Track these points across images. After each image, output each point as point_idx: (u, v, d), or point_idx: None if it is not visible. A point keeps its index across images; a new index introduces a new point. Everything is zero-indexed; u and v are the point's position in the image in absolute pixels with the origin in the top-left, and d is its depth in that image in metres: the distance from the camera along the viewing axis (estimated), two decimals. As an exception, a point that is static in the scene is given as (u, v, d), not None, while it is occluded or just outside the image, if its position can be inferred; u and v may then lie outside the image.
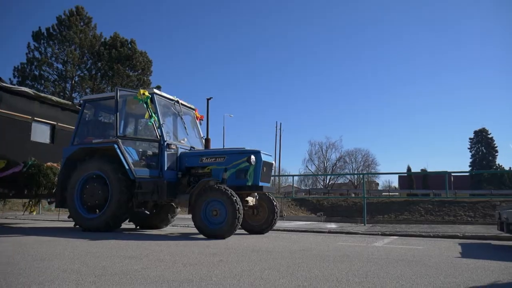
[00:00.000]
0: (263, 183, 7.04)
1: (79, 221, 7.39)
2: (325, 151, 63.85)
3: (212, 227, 6.37)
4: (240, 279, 3.01)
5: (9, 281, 2.85)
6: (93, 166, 7.34)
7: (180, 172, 7.41)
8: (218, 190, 6.36)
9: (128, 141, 7.49)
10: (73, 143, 7.80)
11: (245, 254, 4.46)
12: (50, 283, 2.80)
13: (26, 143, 8.98)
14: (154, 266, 3.55)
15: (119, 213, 7.06)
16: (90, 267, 3.47)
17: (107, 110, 8.35)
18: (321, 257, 4.33)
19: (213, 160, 7.24)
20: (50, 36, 30.74)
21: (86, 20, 32.15)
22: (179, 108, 8.10)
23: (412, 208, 36.19)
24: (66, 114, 10.07)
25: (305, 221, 16.76)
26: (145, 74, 32.35)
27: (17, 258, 3.94)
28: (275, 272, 3.34)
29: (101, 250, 4.62)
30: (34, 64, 30.18)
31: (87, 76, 31.57)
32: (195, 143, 8.23)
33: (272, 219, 7.42)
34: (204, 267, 3.55)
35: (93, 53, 31.35)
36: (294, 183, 17.85)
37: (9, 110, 8.64)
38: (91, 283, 2.81)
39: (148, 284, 2.79)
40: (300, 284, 2.85)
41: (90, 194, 7.32)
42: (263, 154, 7.06)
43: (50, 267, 3.42)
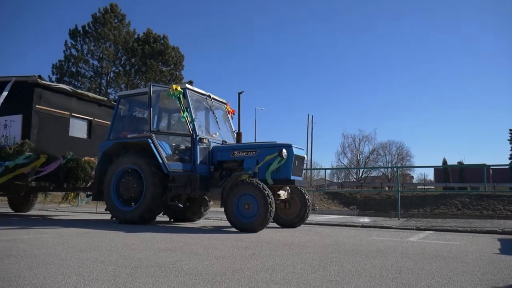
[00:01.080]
0: (295, 177, 7.03)
1: (116, 213, 7.61)
2: (358, 144, 63.01)
3: (244, 220, 6.42)
4: (273, 273, 3.02)
5: (51, 271, 2.97)
6: (128, 160, 7.52)
7: (212, 166, 7.49)
8: (250, 184, 6.39)
9: (161, 136, 7.64)
10: (109, 138, 8.02)
11: (277, 248, 4.48)
12: (89, 274, 2.90)
13: (64, 138, 9.29)
14: (187, 259, 3.62)
15: (154, 206, 7.22)
16: (126, 259, 3.57)
17: (141, 105, 8.53)
18: (354, 252, 4.29)
19: (244, 154, 7.27)
20: (86, 33, 31.59)
21: (120, 17, 32.81)
22: (211, 103, 8.18)
23: (448, 202, 35.30)
24: (102, 109, 10.34)
25: (337, 214, 16.64)
26: (177, 69, 32.75)
27: (58, 249, 4.10)
28: (307, 266, 3.34)
29: (136, 243, 4.74)
30: (71, 61, 31.12)
31: (121, 72, 32.27)
32: (227, 137, 8.29)
33: (304, 213, 7.41)
34: (236, 260, 3.59)
35: (127, 49, 31.99)
36: (326, 177, 17.68)
37: (49, 107, 8.96)
38: (128, 275, 2.89)
39: (182, 277, 2.85)
40: (333, 279, 2.84)
41: (125, 187, 7.51)
42: (294, 147, 7.04)
43: (89, 258, 3.55)
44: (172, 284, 2.63)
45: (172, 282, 2.69)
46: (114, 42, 31.74)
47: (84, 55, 31.55)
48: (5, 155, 8.31)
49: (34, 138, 8.62)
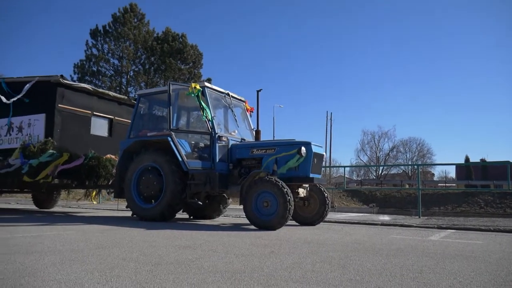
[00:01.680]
0: (314, 175, 7.01)
1: (136, 210, 7.72)
2: (377, 141, 62.44)
3: (263, 218, 6.43)
4: (292, 271, 3.02)
5: (74, 268, 3.03)
6: (148, 158, 7.61)
7: (231, 163, 7.53)
8: (269, 182, 6.40)
9: (181, 134, 7.70)
10: (129, 136, 8.12)
11: (296, 246, 4.48)
12: (111, 270, 2.96)
13: (86, 136, 9.46)
14: (207, 256, 3.65)
15: (174, 204, 7.29)
16: (147, 255, 3.62)
17: (161, 104, 8.61)
18: (374, 251, 4.26)
19: (263, 151, 7.28)
20: (106, 33, 32.07)
21: (139, 17, 33.21)
22: (229, 101, 8.21)
23: (470, 200, 34.66)
24: (123, 108, 10.49)
25: (356, 212, 16.51)
26: (196, 67, 32.98)
27: (81, 246, 4.18)
28: (326, 265, 3.33)
29: (157, 240, 4.80)
30: (92, 60, 31.66)
31: (141, 70, 32.66)
32: (246, 135, 8.31)
33: (323, 211, 7.38)
34: (255, 258, 3.60)
35: (146, 48, 32.36)
36: (345, 174, 17.61)
37: (71, 106, 9.13)
38: (148, 271, 2.93)
39: (202, 274, 2.88)
40: (352, 278, 2.83)
41: (146, 185, 7.60)
42: (313, 145, 7.02)
43: (111, 255, 3.61)
44: (192, 281, 2.66)
45: (192, 279, 2.72)
46: (134, 41, 32.13)
47: (105, 54, 32.06)
48: (30, 153, 8.50)
49: (57, 136, 8.80)
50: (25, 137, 9.00)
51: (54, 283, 2.55)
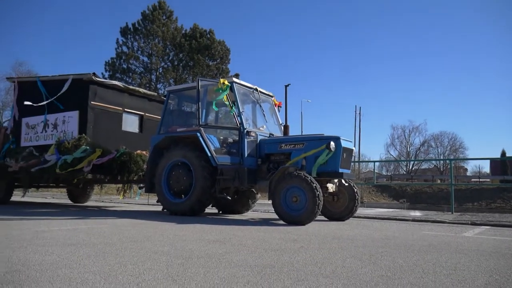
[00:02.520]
0: (343, 170, 6.94)
1: (167, 205, 7.85)
2: (408, 135, 61.25)
3: (292, 213, 6.42)
4: (322, 267, 3.01)
5: (108, 260, 3.11)
6: (178, 153, 7.71)
7: (260, 158, 7.54)
8: (298, 177, 6.38)
9: (210, 129, 7.78)
10: (160, 132, 8.25)
11: (326, 242, 4.45)
12: (143, 263, 3.02)
13: (118, 132, 9.67)
14: (237, 251, 3.67)
15: (203, 199, 7.37)
16: (178, 249, 3.68)
17: (190, 100, 8.70)
18: (405, 247, 4.19)
19: (292, 146, 7.26)
20: (136, 31, 32.61)
21: (168, 14, 33.59)
22: (257, 96, 8.22)
23: (506, 195, 33.57)
24: (153, 104, 10.65)
25: (386, 208, 16.28)
26: (224, 63, 33.12)
27: (114, 239, 4.28)
28: (357, 260, 3.30)
29: (187, 234, 4.87)
30: (122, 58, 32.29)
31: (170, 67, 33.05)
32: (274, 130, 8.30)
33: (352, 206, 7.30)
34: (285, 253, 3.61)
35: (174, 45, 32.72)
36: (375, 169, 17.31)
37: (103, 103, 9.34)
38: (180, 265, 2.98)
39: (232, 268, 2.90)
40: (384, 274, 2.79)
41: (176, 180, 7.71)
42: (342, 140, 6.95)
43: (143, 249, 3.68)
44: (222, 275, 2.68)
45: (222, 273, 2.74)
46: (163, 38, 32.54)
47: (135, 51, 32.62)
48: (64, 149, 8.76)
49: (90, 133, 9.03)
50: (60, 133, 9.27)
51: (90, 274, 2.63)
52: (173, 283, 2.46)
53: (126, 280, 2.50)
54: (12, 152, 9.89)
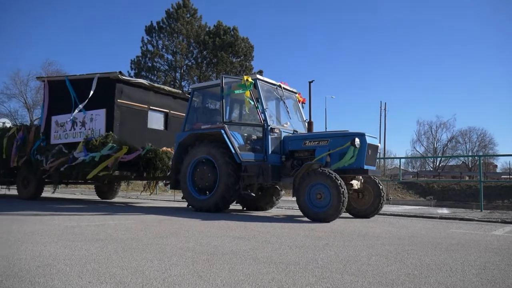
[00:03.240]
0: (368, 166, 6.87)
1: (191, 201, 7.93)
2: (435, 131, 59.97)
3: (317, 210, 6.39)
4: (347, 264, 2.99)
5: (135, 255, 3.17)
6: (203, 150, 7.77)
7: (284, 155, 7.53)
8: (322, 174, 6.35)
9: (234, 126, 7.81)
10: (184, 129, 8.33)
11: (351, 239, 4.42)
12: (169, 259, 3.07)
13: (143, 130, 9.81)
14: (261, 247, 3.69)
15: (227, 195, 7.42)
16: (203, 245, 3.72)
17: (214, 97, 8.75)
18: (432, 245, 4.11)
19: (316, 143, 7.23)
20: (161, 29, 32.99)
21: (192, 12, 33.83)
22: (281, 92, 8.20)
23: (538, 193, 32.52)
24: (177, 102, 10.76)
25: (413, 205, 16.01)
26: (247, 60, 33.16)
27: (140, 235, 4.36)
28: (382, 258, 3.27)
29: (212, 230, 4.91)
30: (147, 56, 32.74)
31: (194, 65, 33.31)
32: (298, 127, 8.27)
33: (378, 203, 7.22)
34: (310, 250, 3.60)
35: (198, 43, 32.95)
36: (401, 166, 17.07)
37: (129, 101, 9.49)
38: (205, 261, 3.01)
39: (256, 265, 2.92)
40: (410, 273, 2.76)
41: (200, 177, 7.78)
42: (367, 136, 6.87)
43: (169, 244, 3.74)
44: (247, 271, 2.70)
45: (247, 269, 2.76)
46: (187, 36, 32.82)
47: (159, 50, 33.00)
48: (92, 146, 8.96)
49: (117, 130, 9.19)
50: (87, 131, 9.47)
51: (117, 269, 2.68)
52: (199, 279, 2.49)
53: (152, 275, 2.55)
54: (43, 150, 10.17)
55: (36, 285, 2.30)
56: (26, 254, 3.14)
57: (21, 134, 10.85)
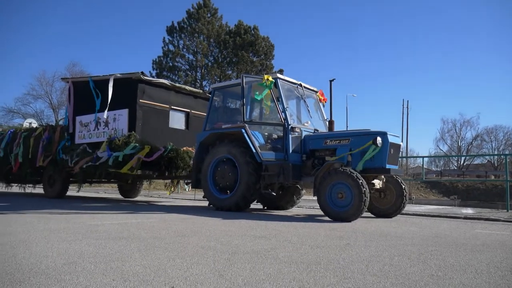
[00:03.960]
0: (390, 166, 6.79)
1: (212, 201, 7.98)
2: (459, 129, 58.74)
3: (338, 209, 6.35)
4: (369, 265, 2.97)
5: (157, 254, 3.21)
6: (223, 150, 7.81)
7: (305, 154, 7.51)
8: (343, 173, 6.30)
9: (254, 125, 7.83)
10: (205, 129, 8.39)
11: (372, 239, 4.38)
12: (191, 257, 3.10)
13: (165, 129, 9.92)
14: (282, 247, 3.69)
15: (248, 194, 7.44)
16: (224, 244, 3.74)
17: (234, 96, 8.79)
18: (456, 245, 4.04)
19: (337, 142, 7.18)
20: (182, 29, 33.29)
21: (212, 11, 34.02)
22: (302, 91, 8.17)
23: None
24: (198, 101, 10.84)
25: (436, 205, 15.72)
26: (268, 59, 33.14)
27: (163, 233, 4.42)
28: (405, 259, 3.23)
29: (233, 229, 4.93)
30: (169, 56, 33.07)
31: (214, 64, 33.49)
32: (319, 126, 8.23)
33: (400, 203, 7.13)
34: (331, 250, 3.58)
35: (219, 42, 33.10)
36: (423, 164, 16.83)
37: (151, 101, 9.61)
38: (226, 260, 3.03)
39: (277, 264, 2.92)
40: (434, 274, 2.71)
41: (221, 176, 7.83)
42: (390, 135, 6.79)
43: (190, 243, 3.77)
44: (268, 271, 2.71)
45: (268, 269, 2.77)
46: (207, 36, 33.00)
47: (180, 49, 33.28)
48: (115, 146, 9.11)
49: (139, 130, 9.32)
50: (111, 131, 9.63)
51: (140, 268, 2.73)
52: (220, 277, 2.51)
53: (174, 274, 2.58)
54: (67, 149, 10.39)
55: (62, 282, 2.35)
56: (53, 252, 3.22)
57: (47, 134, 11.11)
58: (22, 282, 2.33)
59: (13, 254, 3.12)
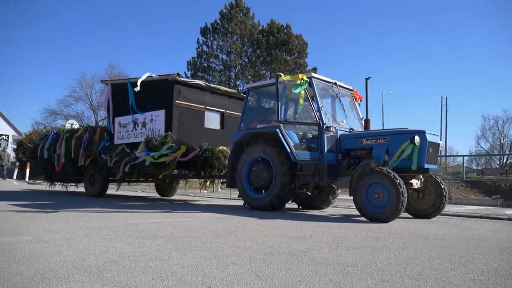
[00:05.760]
0: (429, 165, 6.61)
1: (247, 200, 8.02)
2: (501, 126, 56.50)
3: (374, 210, 6.25)
4: (407, 267, 2.91)
5: (195, 253, 3.27)
6: (258, 149, 7.84)
7: (340, 154, 7.42)
8: (380, 173, 6.19)
9: (289, 125, 7.81)
10: (240, 129, 8.44)
11: (411, 240, 4.29)
12: (227, 257, 3.13)
13: (200, 130, 10.05)
14: (318, 248, 3.67)
15: (283, 194, 7.43)
16: (259, 245, 3.76)
17: (269, 96, 8.79)
18: (500, 249, 3.90)
19: (373, 141, 7.06)
20: (215, 30, 33.66)
21: (244, 11, 34.18)
22: (337, 90, 8.09)
23: None
24: (233, 101, 10.92)
25: (477, 205, 15.20)
26: (301, 57, 32.97)
27: (199, 233, 4.48)
28: (445, 262, 3.14)
29: (268, 229, 4.95)
30: (203, 57, 33.51)
31: (248, 64, 33.63)
32: (354, 125, 8.12)
33: (439, 203, 6.93)
34: (368, 251, 3.53)
35: (252, 42, 33.22)
36: (464, 163, 16.29)
37: (187, 102, 9.76)
38: (262, 260, 3.05)
39: (313, 266, 2.91)
40: (476, 278, 2.63)
41: (256, 175, 7.86)
42: (428, 134, 6.62)
43: (226, 243, 3.81)
44: (304, 272, 2.70)
45: (304, 270, 2.76)
46: (240, 36, 33.19)
47: (214, 50, 33.63)
48: (152, 146, 9.31)
49: (175, 130, 9.49)
50: (148, 131, 9.85)
51: (178, 267, 2.78)
52: (256, 278, 2.52)
53: (211, 273, 2.62)
54: (107, 149, 10.70)
55: (104, 280, 2.43)
56: (94, 250, 3.33)
57: (87, 135, 11.47)
58: (66, 279, 2.43)
59: (57, 251, 3.25)
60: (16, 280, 2.39)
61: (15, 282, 2.36)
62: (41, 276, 2.48)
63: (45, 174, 13.18)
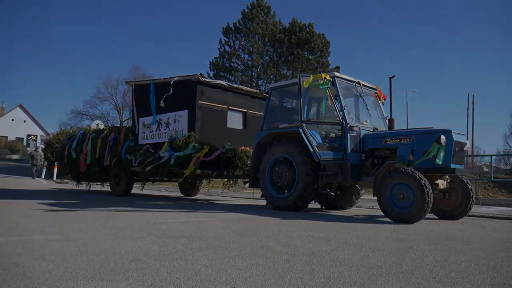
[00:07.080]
0: (455, 165, 6.48)
1: (270, 200, 8.02)
2: (531, 125, 54.71)
3: (399, 210, 6.16)
4: (433, 270, 2.86)
5: (218, 253, 3.29)
6: (281, 149, 7.83)
7: (364, 154, 7.34)
8: (405, 173, 6.10)
9: (312, 125, 7.77)
10: (262, 129, 8.44)
11: (436, 242, 4.21)
12: (251, 258, 3.14)
13: (223, 129, 10.10)
14: (341, 249, 3.64)
15: (306, 194, 7.40)
16: (283, 245, 3.76)
17: (291, 96, 8.76)
18: (531, 251, 3.79)
19: (398, 141, 6.96)
20: (237, 30, 33.75)
21: (266, 10, 34.15)
22: (360, 89, 8.01)
23: None
24: (255, 101, 10.93)
25: (506, 206, 14.78)
26: (324, 56, 32.71)
27: (222, 233, 4.51)
28: (473, 265, 3.08)
29: (291, 229, 4.94)
30: (225, 57, 33.64)
31: (270, 63, 33.60)
32: (378, 124, 8.03)
33: (466, 204, 6.77)
34: (392, 253, 3.49)
35: (274, 41, 33.14)
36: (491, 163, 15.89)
37: (209, 102, 9.83)
38: (285, 261, 3.05)
39: (337, 267, 2.89)
40: (506, 282, 2.57)
41: (279, 175, 7.85)
42: (454, 133, 6.48)
43: (250, 243, 3.83)
44: (328, 274, 2.69)
45: (327, 272, 2.75)
46: (262, 35, 33.17)
47: (236, 50, 33.74)
48: (176, 146, 9.41)
49: (198, 130, 9.56)
50: (172, 131, 9.96)
51: (202, 267, 2.81)
52: (280, 279, 2.52)
53: (235, 274, 2.63)
54: (131, 150, 10.87)
55: (130, 279, 2.48)
56: (120, 249, 3.39)
57: (113, 135, 11.67)
58: (94, 278, 2.48)
59: (84, 250, 3.32)
60: (47, 278, 2.46)
61: (45, 279, 2.43)
62: (70, 275, 2.54)
63: (72, 174, 13.47)
